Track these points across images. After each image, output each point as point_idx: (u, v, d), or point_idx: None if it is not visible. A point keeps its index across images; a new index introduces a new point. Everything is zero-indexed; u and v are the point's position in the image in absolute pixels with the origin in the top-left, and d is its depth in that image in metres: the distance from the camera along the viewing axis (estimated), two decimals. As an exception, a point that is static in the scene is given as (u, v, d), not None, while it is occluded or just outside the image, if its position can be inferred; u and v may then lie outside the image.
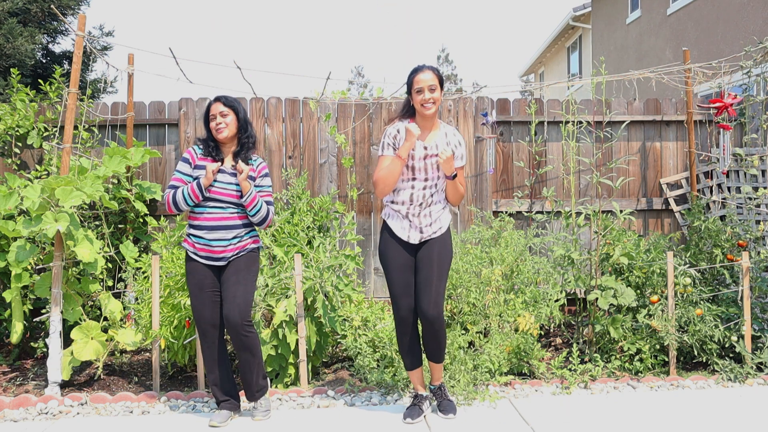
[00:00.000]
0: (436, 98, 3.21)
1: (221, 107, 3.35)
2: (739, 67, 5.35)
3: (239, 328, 3.27)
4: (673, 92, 8.41)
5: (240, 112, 3.39)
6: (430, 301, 3.23)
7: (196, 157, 3.38)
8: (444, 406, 3.43)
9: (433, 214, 3.31)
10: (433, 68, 3.25)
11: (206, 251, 3.31)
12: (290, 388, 3.89)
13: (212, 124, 3.36)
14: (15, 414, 3.56)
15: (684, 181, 5.68)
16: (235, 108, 3.37)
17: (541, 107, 5.66)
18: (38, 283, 4.04)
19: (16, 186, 4.35)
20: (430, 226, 3.30)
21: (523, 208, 5.59)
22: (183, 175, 3.36)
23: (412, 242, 3.30)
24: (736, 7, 9.04)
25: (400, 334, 3.36)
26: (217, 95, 3.42)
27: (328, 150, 5.60)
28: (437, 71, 3.24)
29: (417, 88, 3.21)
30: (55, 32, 8.82)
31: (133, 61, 5.10)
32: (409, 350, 3.38)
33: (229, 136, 3.36)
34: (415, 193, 3.26)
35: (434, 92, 3.21)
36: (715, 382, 4.02)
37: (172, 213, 3.41)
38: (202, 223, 3.30)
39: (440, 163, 3.19)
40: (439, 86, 3.22)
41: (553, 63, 18.93)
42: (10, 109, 5.09)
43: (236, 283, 3.32)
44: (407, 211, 3.29)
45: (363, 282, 5.54)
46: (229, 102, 3.37)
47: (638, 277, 4.42)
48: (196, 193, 3.27)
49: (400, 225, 3.31)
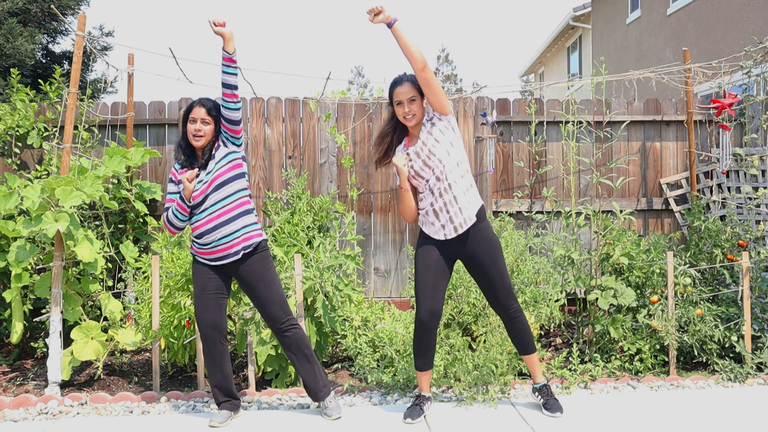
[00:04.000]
0: (415, 110, 3.22)
1: (204, 114, 3.27)
2: (739, 67, 5.35)
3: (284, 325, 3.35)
4: (673, 92, 8.42)
5: (218, 125, 3.32)
6: (498, 299, 3.31)
7: (177, 173, 3.37)
8: (550, 404, 3.43)
9: (458, 199, 3.22)
10: (410, 79, 3.24)
11: (215, 253, 3.30)
12: (290, 388, 3.89)
13: (190, 127, 3.28)
14: (15, 414, 3.56)
15: (684, 181, 5.68)
16: (216, 119, 3.31)
17: (541, 107, 5.66)
18: (38, 283, 4.04)
19: (16, 186, 4.35)
20: (461, 213, 3.22)
21: (523, 208, 5.59)
22: (172, 195, 3.37)
23: (449, 238, 3.25)
24: (736, 7, 9.04)
25: (418, 336, 3.35)
26: (202, 99, 3.32)
27: (328, 150, 5.60)
28: (414, 81, 3.23)
29: (396, 101, 3.24)
30: (55, 32, 8.83)
31: (133, 61, 5.11)
32: (423, 352, 3.38)
33: (203, 145, 3.30)
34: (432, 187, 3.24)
35: (413, 103, 3.22)
36: (715, 382, 4.02)
37: (173, 233, 3.41)
38: (202, 229, 3.28)
39: (371, 19, 3.10)
40: (418, 95, 3.22)
41: (553, 63, 18.94)
42: (10, 109, 5.09)
43: (266, 287, 3.34)
44: (432, 207, 3.25)
45: (363, 282, 5.54)
46: (213, 113, 3.29)
47: (638, 277, 4.42)
48: (182, 206, 3.28)
49: (432, 229, 3.30)
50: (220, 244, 3.28)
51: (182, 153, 3.37)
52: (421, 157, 3.23)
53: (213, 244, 3.28)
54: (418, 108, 3.23)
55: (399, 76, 3.29)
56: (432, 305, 3.27)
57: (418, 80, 3.17)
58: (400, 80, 3.26)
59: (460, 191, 3.22)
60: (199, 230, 3.29)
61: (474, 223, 3.25)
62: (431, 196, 3.25)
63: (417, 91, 3.22)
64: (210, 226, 3.27)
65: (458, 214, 3.22)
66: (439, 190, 3.22)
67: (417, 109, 3.23)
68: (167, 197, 3.39)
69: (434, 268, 3.29)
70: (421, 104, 3.24)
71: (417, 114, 3.23)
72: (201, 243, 3.31)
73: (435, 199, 3.24)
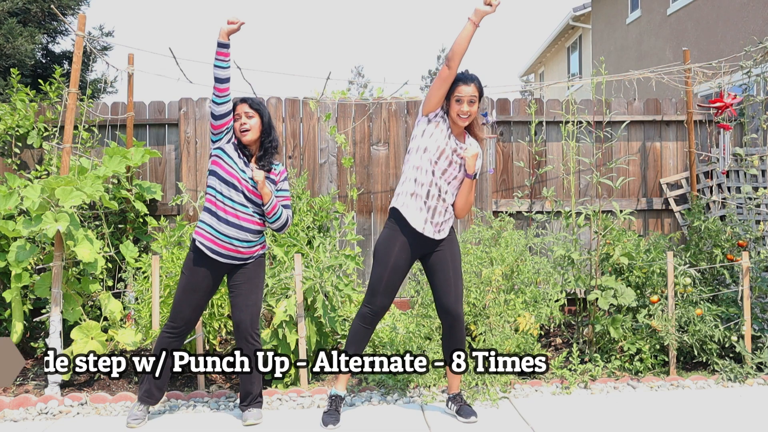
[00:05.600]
0: (473, 112, 3.21)
1: (247, 108, 3.30)
2: (739, 67, 5.35)
3: (249, 335, 3.35)
4: (673, 92, 8.41)
5: (265, 116, 3.35)
6: (456, 300, 3.29)
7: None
8: (464, 411, 3.39)
9: (447, 213, 3.28)
10: (477, 80, 3.21)
11: (228, 249, 3.27)
12: (290, 388, 3.89)
13: (236, 124, 3.30)
14: (15, 414, 3.56)
15: (684, 181, 5.68)
16: (260, 111, 3.33)
17: (541, 107, 5.66)
18: (38, 283, 4.04)
19: (16, 186, 4.35)
20: (443, 225, 3.27)
21: (523, 208, 5.59)
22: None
23: (426, 234, 3.23)
24: (736, 7, 9.04)
25: (362, 325, 3.32)
26: (242, 96, 3.36)
27: (328, 150, 5.60)
28: (480, 84, 3.21)
29: (457, 97, 3.18)
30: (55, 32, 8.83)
31: (133, 61, 5.10)
32: (361, 341, 3.34)
33: (253, 138, 3.31)
34: (435, 180, 3.22)
35: (473, 105, 3.20)
36: (715, 382, 4.02)
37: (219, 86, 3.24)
38: (230, 218, 3.25)
39: (465, 157, 3.20)
40: (478, 100, 3.21)
41: (553, 63, 18.94)
42: (10, 109, 5.09)
43: (249, 291, 3.35)
44: (426, 200, 3.23)
45: (363, 282, 5.53)
46: (255, 105, 3.33)
47: (638, 277, 4.42)
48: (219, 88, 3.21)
49: (417, 214, 3.22)
50: (236, 245, 3.28)
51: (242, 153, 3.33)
52: (458, 159, 3.27)
53: (228, 239, 3.26)
54: (474, 112, 3.23)
55: (466, 73, 3.23)
56: (386, 303, 3.29)
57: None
58: (470, 79, 3.19)
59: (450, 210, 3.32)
60: (223, 215, 3.25)
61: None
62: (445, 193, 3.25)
63: (479, 94, 3.22)
64: (237, 222, 3.25)
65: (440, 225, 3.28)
66: (447, 192, 3.25)
67: (474, 112, 3.22)
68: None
69: (400, 268, 3.27)
70: (477, 109, 3.25)
71: (470, 117, 3.23)
72: (219, 231, 3.25)
73: (439, 194, 3.24)
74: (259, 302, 3.40)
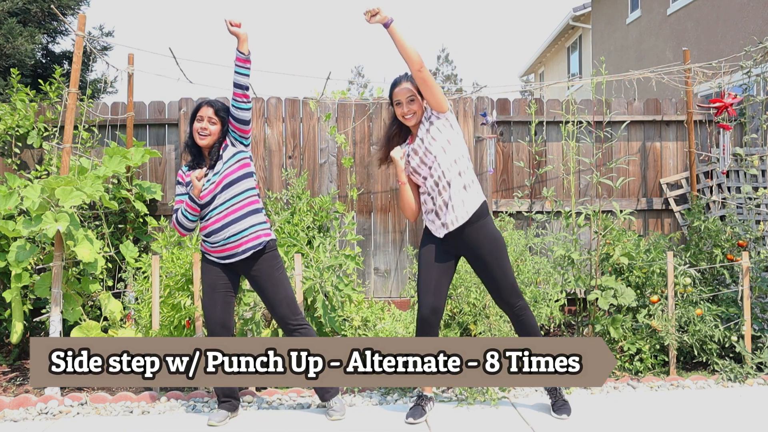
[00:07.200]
0: (415, 109, 3.26)
1: (212, 113, 3.31)
2: (739, 67, 5.35)
3: (292, 325, 3.35)
4: (673, 92, 8.42)
5: (225, 125, 3.35)
6: (502, 296, 3.31)
7: (184, 175, 3.39)
8: (558, 406, 3.41)
9: (453, 197, 3.21)
10: (409, 79, 3.29)
11: (223, 251, 3.31)
12: (290, 388, 3.89)
13: (196, 126, 3.32)
14: (15, 414, 3.56)
15: (684, 181, 5.68)
16: (223, 120, 3.34)
17: (541, 107, 5.66)
18: (38, 283, 4.04)
19: (16, 186, 4.35)
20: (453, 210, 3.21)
21: (523, 208, 5.59)
22: (180, 196, 3.39)
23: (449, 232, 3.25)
24: (736, 7, 9.04)
25: (420, 333, 3.34)
26: (210, 100, 3.37)
27: (328, 150, 5.60)
28: (413, 81, 3.26)
29: (396, 101, 3.30)
30: (55, 32, 8.82)
31: (133, 61, 5.11)
32: None
33: (209, 144, 3.33)
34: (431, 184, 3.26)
35: (413, 103, 3.26)
36: (715, 382, 4.02)
37: (183, 235, 3.41)
38: (210, 228, 3.31)
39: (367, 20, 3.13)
40: (417, 95, 3.26)
41: (553, 63, 18.94)
42: (10, 109, 5.09)
43: (274, 288, 3.35)
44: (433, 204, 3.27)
45: (363, 282, 5.54)
46: (221, 112, 3.33)
47: (638, 277, 4.42)
48: (192, 206, 3.29)
49: (433, 226, 3.33)
50: (228, 242, 3.29)
51: (189, 152, 3.39)
52: (419, 155, 3.27)
53: (221, 243, 3.30)
54: (418, 107, 3.27)
55: (398, 77, 3.35)
56: (434, 301, 3.28)
57: (415, 80, 3.20)
58: (399, 81, 3.32)
59: (456, 188, 3.23)
60: (208, 229, 3.32)
61: (471, 220, 3.23)
62: (432, 192, 3.27)
63: (415, 90, 3.26)
64: (218, 225, 3.28)
65: (451, 211, 3.23)
66: (437, 188, 3.25)
67: (416, 108, 3.27)
68: (176, 199, 3.41)
69: (437, 264, 3.30)
70: (421, 104, 3.28)
71: (416, 113, 3.27)
72: (210, 241, 3.34)
73: (434, 197, 3.27)
74: (289, 291, 3.39)
